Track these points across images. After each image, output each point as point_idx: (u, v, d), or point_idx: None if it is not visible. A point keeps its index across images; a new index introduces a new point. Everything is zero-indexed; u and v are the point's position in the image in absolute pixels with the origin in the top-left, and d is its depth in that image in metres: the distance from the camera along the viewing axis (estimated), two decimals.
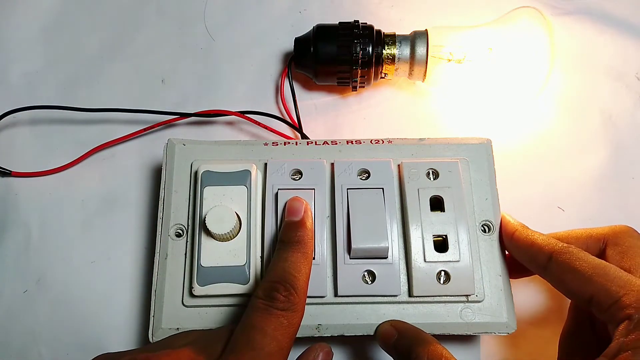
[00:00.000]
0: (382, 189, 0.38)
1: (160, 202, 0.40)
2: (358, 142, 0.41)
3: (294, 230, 0.35)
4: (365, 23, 0.46)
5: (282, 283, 0.32)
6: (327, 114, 0.49)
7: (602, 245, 0.35)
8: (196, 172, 0.39)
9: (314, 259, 0.37)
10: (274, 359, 0.30)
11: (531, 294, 0.43)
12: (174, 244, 0.39)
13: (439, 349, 0.32)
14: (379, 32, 0.46)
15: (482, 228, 0.39)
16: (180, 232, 0.39)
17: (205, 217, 0.36)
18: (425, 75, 0.45)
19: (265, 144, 0.41)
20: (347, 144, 0.41)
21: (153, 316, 0.37)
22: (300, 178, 0.39)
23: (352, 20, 0.46)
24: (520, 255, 0.37)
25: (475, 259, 0.38)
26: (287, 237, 0.35)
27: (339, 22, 0.46)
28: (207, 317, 0.37)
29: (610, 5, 0.52)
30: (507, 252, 0.39)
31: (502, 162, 0.44)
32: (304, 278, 0.33)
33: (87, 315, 0.43)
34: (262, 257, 0.37)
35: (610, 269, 0.31)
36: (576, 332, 0.36)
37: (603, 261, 0.32)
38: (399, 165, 0.40)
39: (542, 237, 0.35)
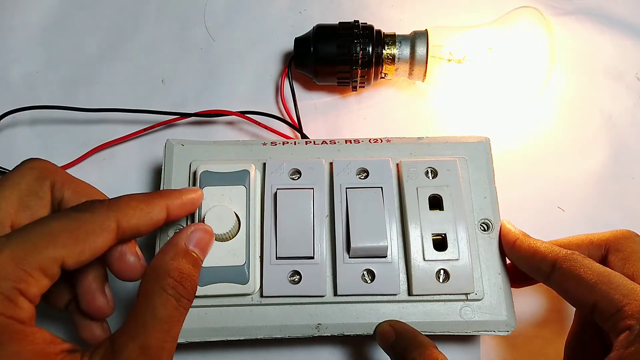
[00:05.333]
0: (381, 188, 0.38)
1: None
2: (357, 141, 0.41)
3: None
4: (365, 23, 0.46)
5: None
6: (327, 114, 0.49)
7: (603, 251, 0.35)
8: (195, 172, 0.39)
9: (313, 258, 0.37)
10: None
11: (531, 294, 0.43)
12: None
13: (436, 353, 0.32)
14: (379, 32, 0.46)
15: (481, 226, 0.39)
16: None
17: (204, 217, 0.36)
18: (425, 75, 0.45)
19: (264, 144, 0.41)
20: (346, 143, 0.41)
21: None
22: (299, 178, 0.39)
23: (352, 20, 0.46)
24: (522, 264, 0.36)
25: (475, 258, 0.38)
26: None
27: (339, 22, 0.46)
28: (206, 317, 0.37)
29: (610, 5, 0.52)
30: (508, 261, 0.38)
31: (502, 162, 0.44)
32: None
33: None
34: (261, 256, 0.37)
35: (615, 276, 0.31)
36: (582, 338, 0.36)
37: (607, 268, 0.32)
38: (397, 164, 0.40)
39: (544, 245, 0.35)
